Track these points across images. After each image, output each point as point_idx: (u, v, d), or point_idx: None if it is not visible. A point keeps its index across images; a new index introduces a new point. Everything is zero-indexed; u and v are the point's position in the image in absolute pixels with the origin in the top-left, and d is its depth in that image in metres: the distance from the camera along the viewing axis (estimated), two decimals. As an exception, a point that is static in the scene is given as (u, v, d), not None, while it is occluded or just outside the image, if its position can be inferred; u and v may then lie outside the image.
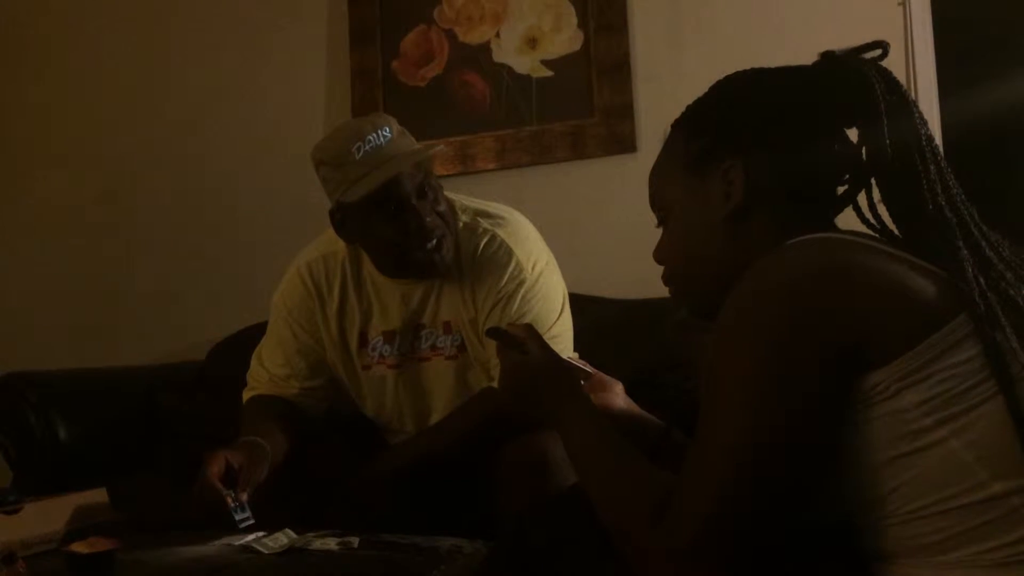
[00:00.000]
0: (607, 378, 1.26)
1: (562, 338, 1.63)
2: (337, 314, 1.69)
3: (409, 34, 2.55)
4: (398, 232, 1.54)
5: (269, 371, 1.73)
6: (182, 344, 2.65)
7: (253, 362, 1.77)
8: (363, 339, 1.70)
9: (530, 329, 1.12)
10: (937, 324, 0.79)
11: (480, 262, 1.61)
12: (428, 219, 1.53)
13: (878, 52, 0.94)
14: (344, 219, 1.61)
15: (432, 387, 1.69)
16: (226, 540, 1.43)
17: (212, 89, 2.75)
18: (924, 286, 0.82)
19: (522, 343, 1.10)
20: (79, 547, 1.23)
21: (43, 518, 1.43)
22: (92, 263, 2.84)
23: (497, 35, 2.48)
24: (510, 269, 1.60)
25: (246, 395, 1.75)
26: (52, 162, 2.92)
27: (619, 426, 1.16)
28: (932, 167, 0.88)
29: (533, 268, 1.62)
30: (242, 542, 1.41)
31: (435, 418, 1.69)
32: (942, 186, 0.87)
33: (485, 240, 1.62)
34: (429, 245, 1.55)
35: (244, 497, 1.43)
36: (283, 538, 1.39)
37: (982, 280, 0.82)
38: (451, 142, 2.44)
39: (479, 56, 2.49)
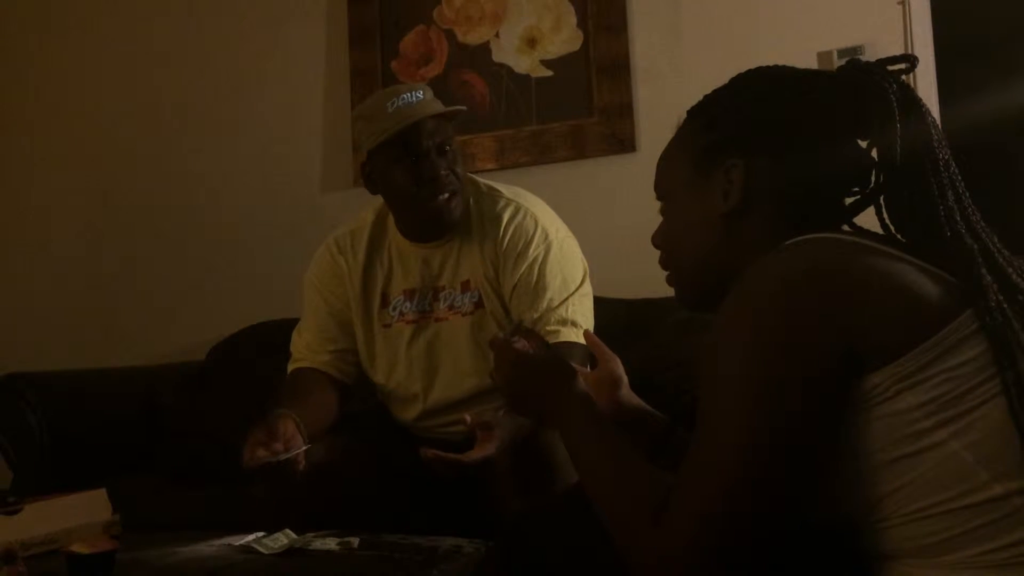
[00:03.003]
0: (614, 371, 1.24)
1: (590, 296, 1.74)
2: (362, 276, 1.79)
3: (408, 34, 2.55)
4: (414, 180, 1.66)
5: (305, 339, 1.82)
6: (182, 344, 2.65)
7: (293, 336, 1.85)
8: (384, 300, 1.79)
9: (530, 332, 1.12)
10: (937, 325, 0.79)
11: (507, 229, 1.71)
12: (443, 172, 1.66)
13: (903, 65, 0.92)
14: (372, 170, 1.72)
15: (445, 345, 1.75)
16: (226, 540, 1.43)
17: (212, 89, 2.76)
18: (925, 287, 0.82)
19: (522, 347, 1.10)
20: (79, 547, 1.23)
21: (43, 518, 1.42)
22: (92, 263, 2.84)
23: (496, 35, 2.48)
24: (537, 235, 1.70)
25: (289, 368, 1.82)
26: (52, 163, 2.92)
27: (623, 421, 1.16)
28: (950, 193, 0.86)
29: (557, 233, 1.73)
30: (242, 542, 1.41)
31: (442, 375, 1.74)
32: (960, 213, 0.86)
33: (510, 209, 1.72)
34: (441, 197, 1.66)
35: (280, 447, 1.45)
36: (283, 538, 1.39)
37: (1006, 306, 0.80)
38: (451, 142, 2.44)
39: (478, 56, 2.49)
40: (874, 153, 0.94)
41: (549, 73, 2.43)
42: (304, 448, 1.47)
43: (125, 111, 2.83)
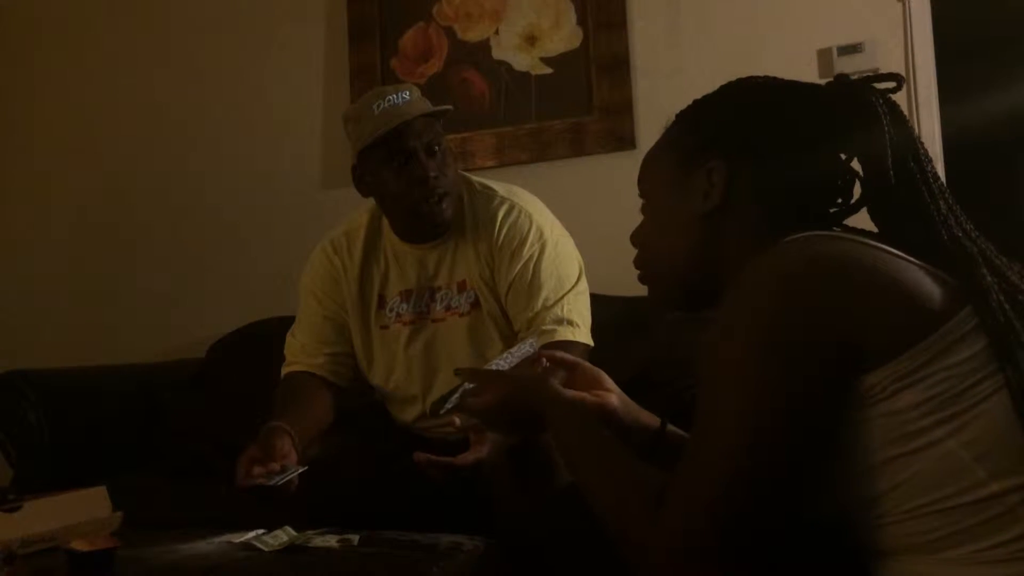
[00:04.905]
0: (594, 370, 1.24)
1: (586, 294, 1.74)
2: (358, 278, 1.79)
3: (408, 32, 2.55)
4: (405, 182, 1.65)
5: (300, 341, 1.82)
6: (182, 343, 2.65)
7: (288, 338, 1.85)
8: (381, 301, 1.79)
9: (480, 373, 1.15)
10: (935, 323, 0.79)
11: (501, 228, 1.70)
12: (432, 174, 1.64)
13: (891, 84, 0.94)
14: (362, 173, 1.72)
15: (443, 346, 1.75)
16: (226, 537, 1.43)
17: (211, 88, 2.76)
18: (923, 285, 0.82)
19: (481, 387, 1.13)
20: (79, 544, 1.23)
21: (43, 517, 1.42)
22: (92, 263, 2.84)
23: (496, 32, 2.48)
24: (532, 233, 1.70)
25: (283, 371, 1.82)
26: (52, 162, 2.92)
27: (615, 422, 1.16)
28: (941, 203, 0.88)
29: (552, 232, 1.73)
30: (242, 539, 1.41)
31: (441, 376, 1.74)
32: (954, 220, 0.87)
33: (504, 208, 1.72)
34: (431, 199, 1.66)
35: (276, 467, 1.45)
36: (283, 535, 1.39)
37: (1007, 307, 0.80)
38: (450, 140, 2.43)
39: (478, 53, 2.49)
40: (855, 165, 0.96)
41: (549, 70, 2.43)
42: (299, 471, 1.46)
43: (125, 109, 2.83)
